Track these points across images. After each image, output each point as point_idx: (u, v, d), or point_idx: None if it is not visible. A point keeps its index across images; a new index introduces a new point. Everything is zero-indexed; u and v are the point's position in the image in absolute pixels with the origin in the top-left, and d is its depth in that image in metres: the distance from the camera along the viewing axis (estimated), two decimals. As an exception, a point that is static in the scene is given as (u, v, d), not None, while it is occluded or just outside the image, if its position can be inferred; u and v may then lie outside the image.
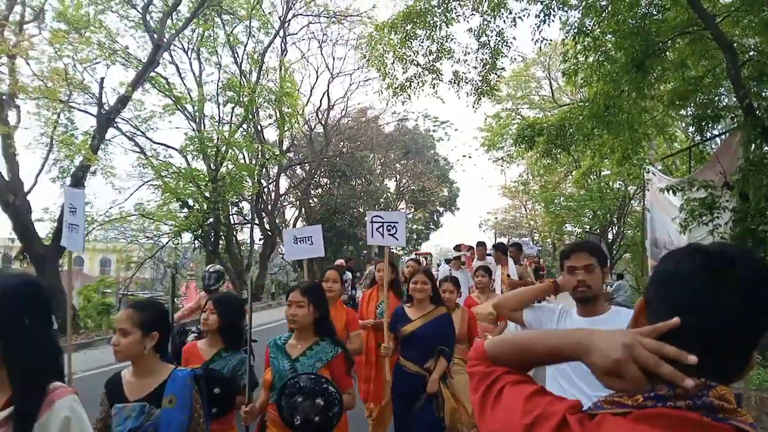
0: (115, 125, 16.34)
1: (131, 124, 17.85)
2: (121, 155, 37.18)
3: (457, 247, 11.19)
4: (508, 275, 7.11)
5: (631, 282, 14.23)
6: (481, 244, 10.28)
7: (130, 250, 23.61)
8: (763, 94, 7.48)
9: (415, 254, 27.27)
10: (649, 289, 0.97)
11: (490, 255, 11.37)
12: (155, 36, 14.80)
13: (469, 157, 61.00)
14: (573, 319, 2.32)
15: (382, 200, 32.22)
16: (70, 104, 15.30)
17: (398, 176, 34.05)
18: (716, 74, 8.54)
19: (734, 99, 7.80)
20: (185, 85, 19.01)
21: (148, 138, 18.47)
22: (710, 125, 8.35)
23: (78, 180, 14.22)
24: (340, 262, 12.94)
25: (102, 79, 14.81)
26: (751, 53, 8.03)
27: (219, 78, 19.33)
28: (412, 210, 35.90)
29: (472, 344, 4.57)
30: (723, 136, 9.63)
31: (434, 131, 31.52)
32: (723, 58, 7.22)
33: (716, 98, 8.71)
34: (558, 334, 1.02)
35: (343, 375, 2.81)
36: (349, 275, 10.13)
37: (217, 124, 19.34)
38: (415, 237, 35.33)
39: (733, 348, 0.87)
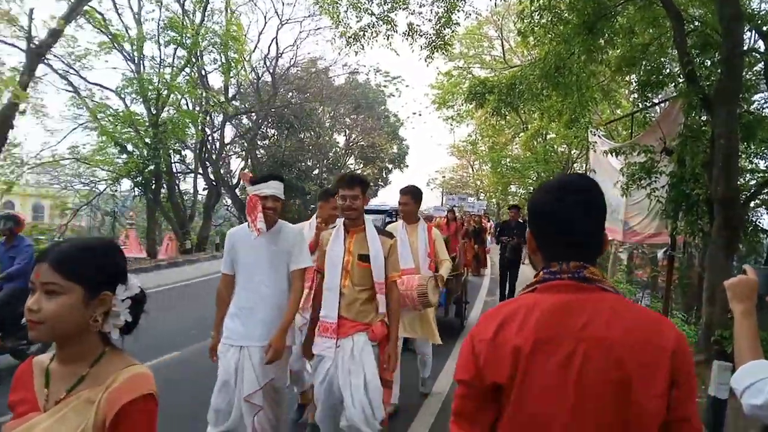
0: (45, 61, 15.27)
1: (64, 62, 16.73)
2: (53, 95, 34.91)
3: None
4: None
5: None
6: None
7: (64, 196, 22.52)
8: (706, 63, 7.69)
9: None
10: (530, 219, 1.39)
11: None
12: (91, -34, 13.76)
13: (420, 114, 61.13)
14: None
15: (330, 154, 31.83)
16: (-5, 36, 14.13)
17: (348, 131, 33.60)
18: (662, 42, 8.71)
19: (677, 67, 8.00)
20: (123, 22, 17.87)
21: (82, 77, 17.40)
22: (653, 92, 8.58)
23: (5, 119, 13.29)
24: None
25: (31, 10, 13.69)
26: (696, 23, 8.20)
27: (160, 16, 18.25)
28: (361, 166, 35.71)
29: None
30: (664, 104, 9.94)
31: (385, 86, 31.13)
32: (669, 26, 7.35)
33: (661, 66, 8.91)
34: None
35: None
36: None
37: (157, 66, 18.38)
38: (362, 193, 35.24)
39: (580, 238, 1.29)
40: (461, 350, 1.33)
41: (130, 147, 17.59)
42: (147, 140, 17.17)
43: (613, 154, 8.41)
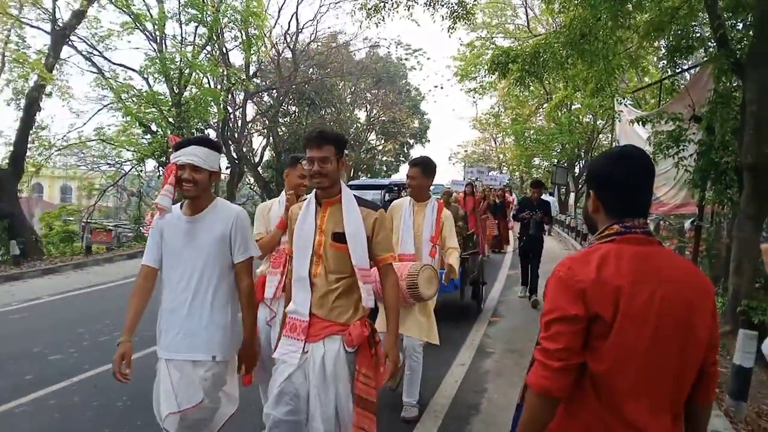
0: (70, 43, 15.45)
1: (87, 43, 16.87)
2: (78, 77, 35.39)
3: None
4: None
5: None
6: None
7: (91, 177, 22.96)
8: (738, 26, 7.42)
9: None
10: (593, 183, 1.64)
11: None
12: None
13: (441, 87, 60.45)
14: None
15: (352, 130, 31.75)
16: (20, 19, 14.31)
17: (369, 106, 33.42)
18: (692, 5, 8.42)
19: (708, 31, 7.73)
20: (144, 2, 17.89)
21: (105, 58, 17.53)
22: (683, 57, 8.33)
23: (33, 101, 13.55)
24: None
25: (54, -9, 13.83)
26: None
27: (181, -6, 18.22)
28: (383, 141, 35.57)
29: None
30: (694, 70, 9.65)
31: (406, 59, 30.77)
32: (700, -13, 7.09)
33: (690, 30, 8.63)
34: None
35: None
36: None
37: (179, 44, 18.43)
38: (384, 169, 35.19)
39: (644, 199, 1.59)
40: (553, 290, 1.51)
41: (154, 127, 17.77)
42: (170, 120, 17.32)
43: (640, 122, 8.23)
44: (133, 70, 17.99)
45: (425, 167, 4.20)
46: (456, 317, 7.00)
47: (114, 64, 17.84)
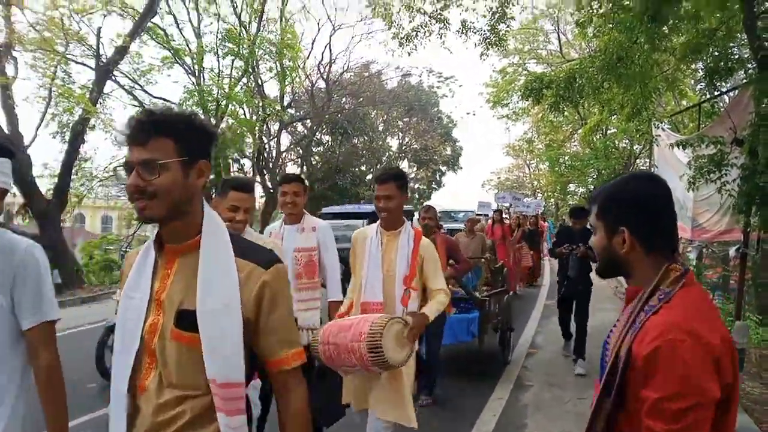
0: (113, 78, 16.07)
1: (129, 78, 17.55)
2: (120, 110, 36.77)
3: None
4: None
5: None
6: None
7: (131, 208, 23.57)
8: (779, 46, 7.22)
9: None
10: (625, 214, 1.34)
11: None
12: (152, -16, 14.40)
13: (474, 114, 60.44)
14: None
15: (384, 159, 31.94)
16: (66, 56, 15.00)
17: (401, 134, 33.66)
18: (730, 26, 8.28)
19: (747, 52, 7.56)
20: (183, 37, 18.57)
21: (146, 92, 18.19)
22: (722, 79, 8.14)
23: (77, 134, 14.06)
24: None
25: (99, 29, 14.48)
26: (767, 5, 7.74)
27: (218, 29, 18.86)
28: (415, 169, 35.66)
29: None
30: (734, 93, 9.42)
31: (438, 87, 30.99)
32: (737, 10, 6.96)
33: (729, 52, 8.46)
34: None
35: None
36: None
37: (216, 77, 19.00)
38: (417, 196, 35.18)
39: (674, 231, 1.37)
40: (686, 366, 1.13)
41: (191, 157, 18.22)
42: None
43: (680, 146, 8.03)
44: (173, 102, 18.58)
45: (403, 181, 3.10)
46: (492, 350, 6.78)
47: (154, 97, 18.48)
